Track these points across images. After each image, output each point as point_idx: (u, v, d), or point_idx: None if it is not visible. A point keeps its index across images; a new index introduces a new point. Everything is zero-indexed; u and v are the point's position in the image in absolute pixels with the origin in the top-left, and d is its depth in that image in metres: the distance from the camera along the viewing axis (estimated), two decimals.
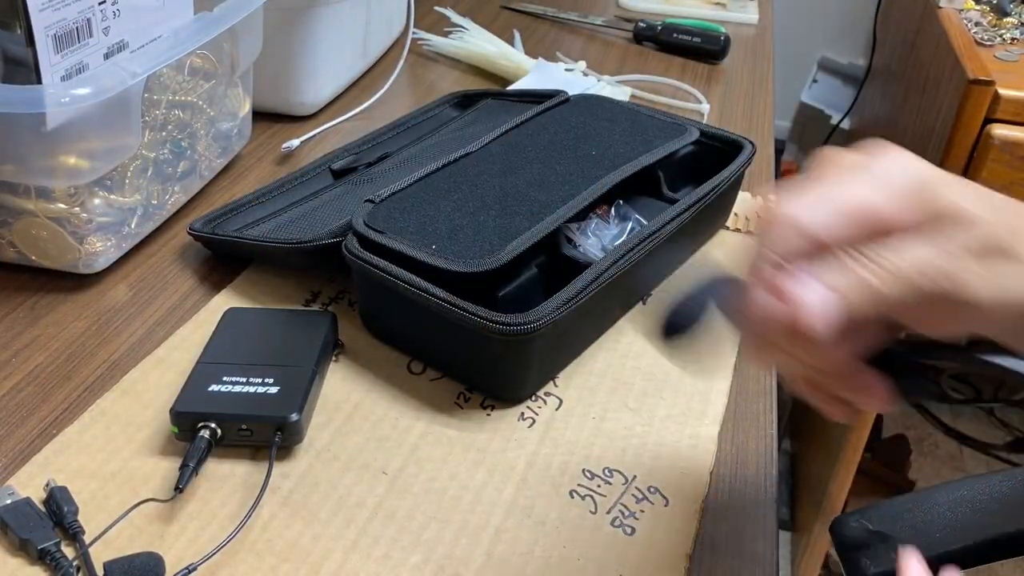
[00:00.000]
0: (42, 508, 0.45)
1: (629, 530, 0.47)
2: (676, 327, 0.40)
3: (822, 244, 0.34)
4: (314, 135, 0.82)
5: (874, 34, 1.73)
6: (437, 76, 0.99)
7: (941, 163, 1.10)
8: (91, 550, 0.43)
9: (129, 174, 0.62)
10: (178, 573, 0.41)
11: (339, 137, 0.83)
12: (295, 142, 0.80)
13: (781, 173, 1.95)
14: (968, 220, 0.34)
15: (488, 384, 0.54)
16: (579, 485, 0.49)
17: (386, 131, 0.78)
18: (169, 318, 0.59)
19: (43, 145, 0.55)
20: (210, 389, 0.49)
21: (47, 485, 0.46)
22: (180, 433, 0.48)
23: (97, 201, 0.60)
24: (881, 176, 0.35)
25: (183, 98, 0.66)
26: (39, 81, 0.53)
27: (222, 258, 0.65)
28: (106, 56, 0.58)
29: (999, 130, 1.04)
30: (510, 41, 1.04)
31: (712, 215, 0.69)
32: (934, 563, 0.41)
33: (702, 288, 0.40)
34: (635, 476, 0.50)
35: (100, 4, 0.56)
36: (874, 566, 0.41)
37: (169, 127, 0.65)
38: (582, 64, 0.99)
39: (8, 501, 0.44)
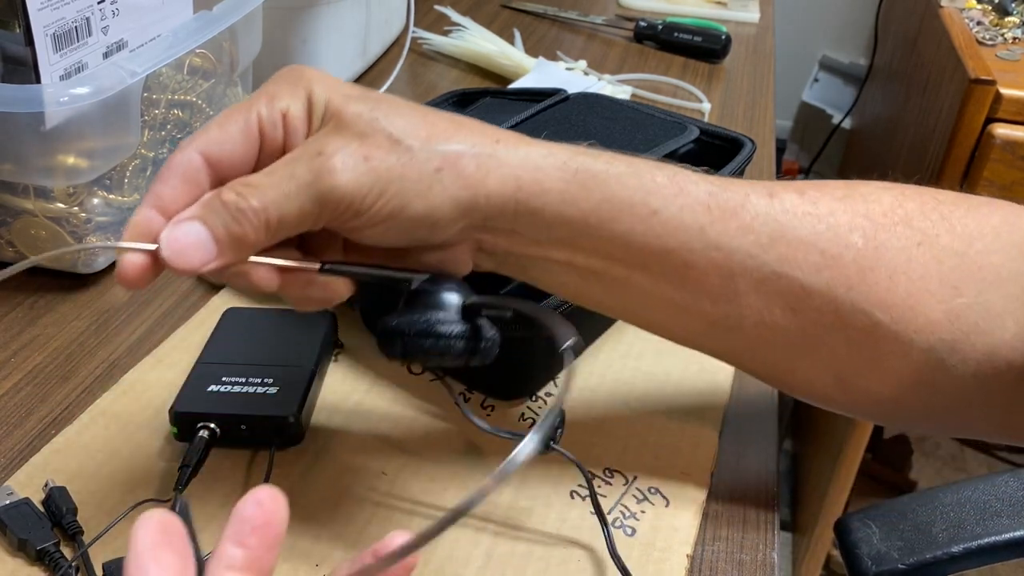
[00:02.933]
0: (41, 508, 0.44)
1: (629, 531, 0.46)
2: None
3: (210, 155, 0.37)
4: None
5: (875, 33, 1.73)
6: (437, 75, 0.99)
7: (942, 162, 1.09)
8: (90, 550, 0.42)
9: (128, 173, 0.62)
10: None
11: None
12: None
13: (782, 172, 1.95)
14: (338, 118, 0.37)
15: (489, 384, 0.54)
16: (579, 485, 0.49)
17: None
18: (168, 318, 0.59)
19: (42, 144, 0.55)
20: (209, 389, 0.49)
21: (46, 485, 0.45)
22: (179, 433, 0.48)
23: (96, 200, 0.60)
24: (268, 86, 0.39)
25: (182, 97, 0.66)
26: (38, 80, 0.52)
27: None
28: (105, 55, 0.57)
29: (1000, 129, 1.04)
30: (510, 40, 1.04)
31: None
32: (937, 561, 0.41)
33: None
34: (635, 476, 0.50)
35: (99, 3, 0.56)
36: (876, 566, 0.41)
37: (168, 126, 0.65)
38: (583, 63, 0.99)
39: (7, 501, 0.44)
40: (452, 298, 0.39)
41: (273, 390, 0.49)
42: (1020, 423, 0.43)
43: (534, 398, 0.54)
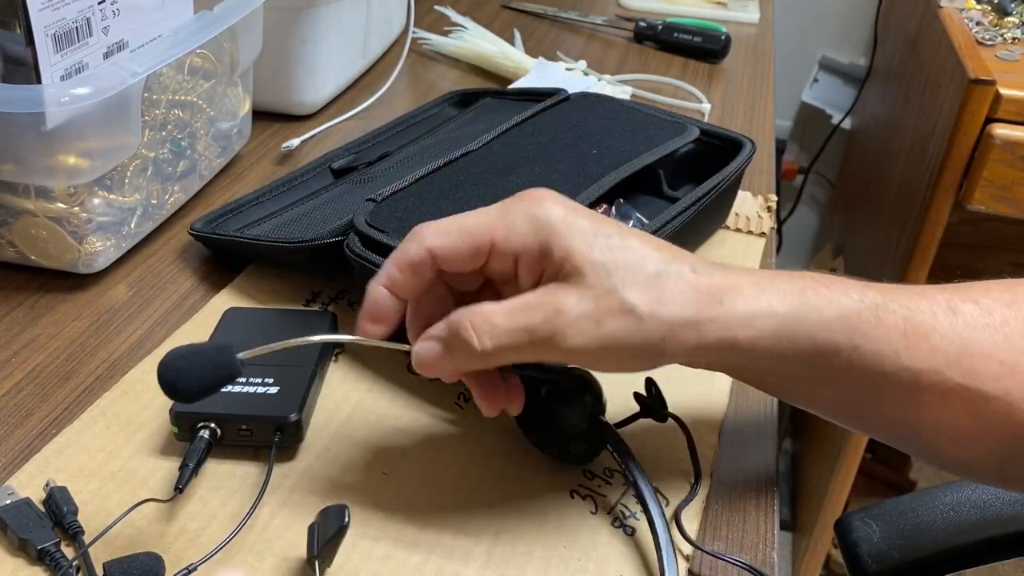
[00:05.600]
0: (42, 508, 0.44)
1: (629, 530, 0.46)
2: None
3: (439, 258, 0.41)
4: (314, 134, 0.82)
5: (875, 34, 1.73)
6: (437, 75, 0.99)
7: (942, 163, 1.09)
8: (91, 550, 0.42)
9: (129, 174, 0.62)
10: (178, 573, 0.41)
11: (339, 136, 0.83)
12: (295, 141, 0.80)
13: (782, 172, 1.95)
14: (578, 274, 0.40)
15: None
16: (579, 485, 0.49)
17: (386, 130, 0.78)
18: (169, 318, 0.59)
19: (42, 145, 0.55)
20: None
21: (47, 485, 0.45)
22: (180, 433, 0.48)
23: (97, 201, 0.60)
24: (509, 214, 0.41)
25: (183, 97, 0.66)
26: (39, 81, 0.52)
27: (222, 258, 0.65)
28: (106, 55, 0.57)
29: (1000, 130, 1.04)
30: (510, 40, 1.04)
31: (713, 214, 0.69)
32: (937, 560, 0.41)
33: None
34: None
35: (100, 3, 0.56)
36: (877, 564, 0.41)
37: (169, 127, 0.65)
38: (582, 63, 0.99)
39: (7, 501, 0.44)
40: (588, 410, 0.47)
41: (273, 390, 0.49)
42: None
43: None
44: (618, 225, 0.42)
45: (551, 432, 0.48)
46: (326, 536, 0.41)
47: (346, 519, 0.41)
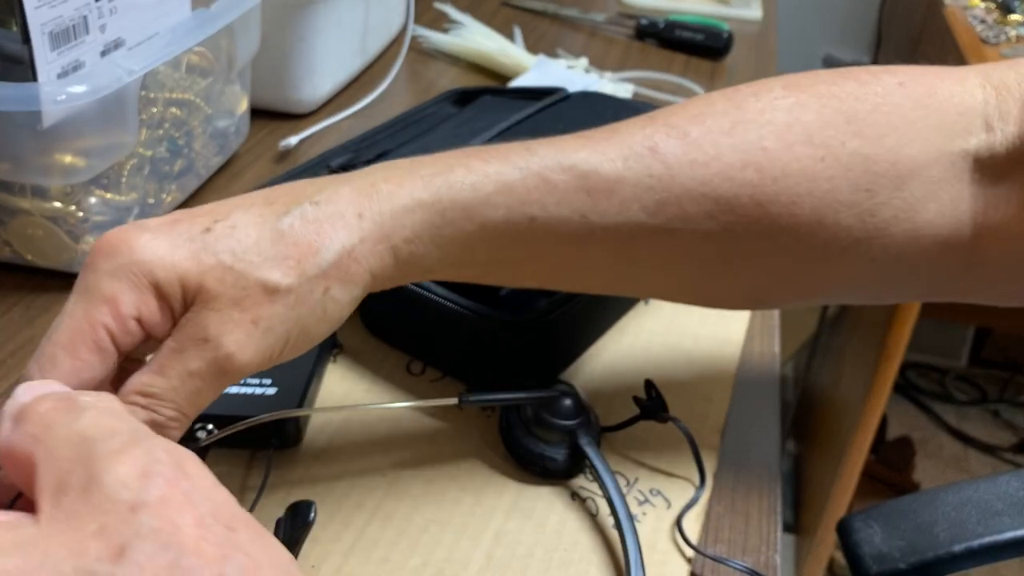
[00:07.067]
0: None
1: None
2: None
3: (79, 387, 0.33)
4: (312, 133, 0.82)
5: (879, 31, 1.73)
6: (436, 73, 0.99)
7: None
8: None
9: (125, 172, 0.61)
10: None
11: (337, 135, 0.82)
12: (293, 140, 0.79)
13: None
14: (202, 289, 0.34)
15: (489, 384, 0.54)
16: (580, 487, 0.48)
17: (384, 128, 0.78)
18: None
19: (39, 143, 0.54)
20: None
21: None
22: None
23: (93, 200, 0.59)
24: (97, 288, 0.34)
25: (180, 96, 0.66)
26: (35, 79, 0.52)
27: None
28: (102, 54, 0.57)
29: None
30: (510, 38, 1.03)
31: None
32: (939, 561, 0.41)
33: None
34: (637, 478, 0.49)
35: (97, 1, 0.55)
36: (878, 566, 0.41)
37: (166, 125, 0.65)
38: (583, 61, 0.99)
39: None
40: (565, 425, 0.48)
41: (272, 391, 0.49)
42: (944, 287, 0.43)
43: None
44: (216, 208, 0.36)
45: (530, 451, 0.48)
46: (290, 532, 0.41)
47: (311, 515, 0.40)
